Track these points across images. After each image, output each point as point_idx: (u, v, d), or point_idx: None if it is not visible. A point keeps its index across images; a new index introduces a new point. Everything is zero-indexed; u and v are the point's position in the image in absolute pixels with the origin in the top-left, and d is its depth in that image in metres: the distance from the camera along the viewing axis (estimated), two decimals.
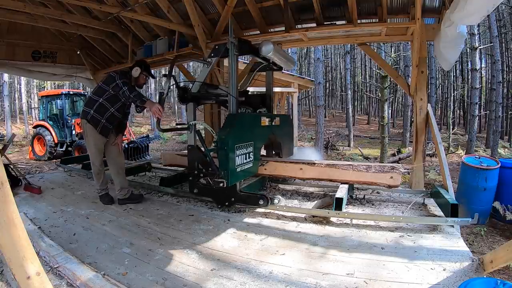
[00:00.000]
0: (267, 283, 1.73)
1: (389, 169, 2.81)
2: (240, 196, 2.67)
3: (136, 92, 2.88)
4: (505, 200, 3.53)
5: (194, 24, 3.93)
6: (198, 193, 2.69)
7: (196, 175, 2.60)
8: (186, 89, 2.61)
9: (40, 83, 21.87)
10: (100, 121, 3.00)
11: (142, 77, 3.11)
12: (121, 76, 2.94)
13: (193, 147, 2.63)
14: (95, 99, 3.01)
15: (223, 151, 2.37)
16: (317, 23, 3.66)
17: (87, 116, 3.01)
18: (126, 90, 2.84)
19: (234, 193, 2.64)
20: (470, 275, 1.68)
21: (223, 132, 2.42)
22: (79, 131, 9.58)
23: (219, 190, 2.52)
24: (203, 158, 2.54)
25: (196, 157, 2.58)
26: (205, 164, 2.53)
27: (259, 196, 2.65)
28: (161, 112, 2.62)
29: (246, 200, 2.69)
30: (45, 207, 3.13)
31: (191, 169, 2.64)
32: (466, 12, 2.30)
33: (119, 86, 2.87)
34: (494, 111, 10.47)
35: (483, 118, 16.39)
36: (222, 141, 2.36)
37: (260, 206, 2.66)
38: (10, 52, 5.16)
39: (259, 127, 2.90)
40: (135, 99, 2.84)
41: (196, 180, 2.62)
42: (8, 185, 1.22)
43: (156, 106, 2.63)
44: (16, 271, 1.24)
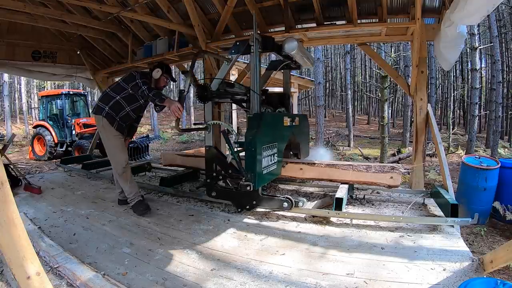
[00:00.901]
0: (267, 283, 1.73)
1: (389, 169, 2.81)
2: (262, 199, 2.54)
3: (155, 91, 2.78)
4: (505, 200, 3.53)
5: (194, 24, 3.93)
6: (216, 196, 2.59)
7: (214, 177, 2.50)
8: (206, 87, 2.47)
9: (40, 83, 21.87)
10: (115, 119, 2.90)
11: (163, 79, 3.01)
12: (141, 76, 2.84)
13: (211, 148, 2.53)
14: (112, 96, 2.90)
15: (250, 153, 2.26)
16: (317, 23, 3.66)
17: (102, 112, 2.88)
18: (145, 89, 2.75)
19: (256, 196, 2.49)
20: (470, 275, 1.68)
21: (250, 132, 2.30)
22: (79, 131, 9.58)
23: (239, 193, 2.42)
24: (222, 160, 2.45)
25: (214, 159, 2.48)
26: (224, 166, 2.43)
27: (283, 199, 2.53)
28: (181, 111, 2.50)
29: (269, 203, 2.56)
30: (45, 207, 3.13)
31: (209, 171, 2.54)
32: (466, 12, 2.30)
33: (138, 86, 2.78)
34: (494, 111, 10.47)
35: (483, 118, 16.39)
36: (249, 142, 2.25)
37: (283, 209, 2.53)
38: (10, 52, 5.16)
39: (282, 128, 2.80)
40: (154, 98, 2.74)
41: (214, 182, 2.51)
42: (8, 185, 1.22)
43: (175, 105, 2.50)
44: (16, 271, 1.24)
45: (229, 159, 2.48)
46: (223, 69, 2.64)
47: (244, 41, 2.57)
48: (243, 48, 2.54)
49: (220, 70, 2.65)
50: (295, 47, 2.69)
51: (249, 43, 2.52)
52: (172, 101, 2.64)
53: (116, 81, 3.04)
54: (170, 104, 2.58)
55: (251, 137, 2.26)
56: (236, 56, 2.58)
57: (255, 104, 2.55)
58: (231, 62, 2.59)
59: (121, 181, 2.95)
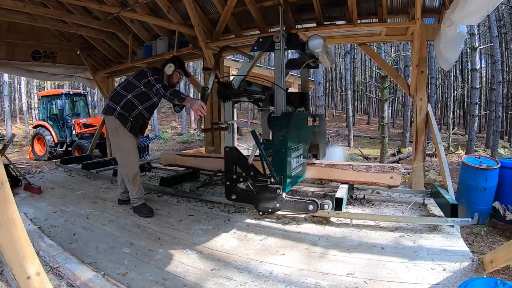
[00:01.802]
0: (267, 283, 1.73)
1: (389, 169, 2.81)
2: (286, 201, 2.42)
3: (172, 89, 2.59)
4: (505, 200, 3.53)
5: (194, 24, 3.93)
6: (236, 199, 2.50)
7: (234, 180, 2.42)
8: (228, 85, 2.35)
9: (40, 83, 21.87)
10: (128, 119, 2.74)
11: (176, 75, 2.83)
12: (153, 73, 2.66)
13: (231, 148, 2.43)
14: (123, 94, 2.73)
15: (280, 154, 2.17)
16: (317, 23, 3.66)
17: (113, 112, 2.71)
18: (160, 88, 2.56)
19: (279, 199, 2.39)
20: (470, 275, 1.68)
21: (280, 132, 2.21)
22: (79, 131, 9.59)
23: (262, 196, 2.36)
24: (243, 161, 2.36)
25: (235, 160, 2.40)
26: (246, 168, 2.35)
27: (308, 202, 2.41)
28: (205, 110, 2.35)
29: (294, 206, 2.43)
30: (45, 207, 3.13)
31: (228, 173, 2.45)
32: (466, 12, 2.30)
33: (151, 84, 2.60)
34: (494, 111, 10.46)
35: (483, 118, 16.38)
36: (279, 143, 2.17)
37: (308, 212, 2.43)
38: (10, 52, 5.16)
39: (306, 128, 2.70)
40: (172, 97, 2.54)
41: (233, 185, 2.43)
42: (8, 185, 1.22)
43: (198, 103, 2.35)
44: (16, 271, 1.24)
45: (251, 161, 2.39)
46: (244, 67, 2.54)
47: (268, 38, 2.45)
48: (267, 45, 2.43)
49: (241, 67, 2.56)
50: (321, 45, 2.54)
51: (273, 39, 2.40)
52: (193, 99, 2.46)
53: (126, 79, 2.89)
54: (192, 103, 2.41)
55: (281, 138, 2.17)
56: (259, 53, 2.47)
57: (282, 103, 2.42)
58: (253, 59, 2.47)
59: (129, 185, 2.84)
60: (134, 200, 2.85)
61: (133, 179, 2.80)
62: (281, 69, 2.42)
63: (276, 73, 2.45)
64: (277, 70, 2.45)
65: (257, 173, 2.35)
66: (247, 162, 2.38)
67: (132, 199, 2.86)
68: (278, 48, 2.39)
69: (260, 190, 2.36)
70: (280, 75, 2.41)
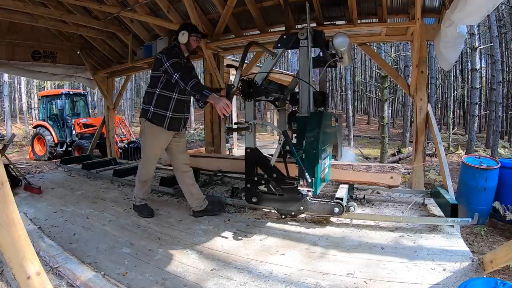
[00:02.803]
0: (267, 283, 1.73)
1: (389, 169, 2.81)
2: (311, 204, 2.35)
3: (193, 82, 2.33)
4: (505, 200, 3.53)
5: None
6: (257, 202, 2.42)
7: (255, 182, 2.34)
8: (252, 83, 2.26)
9: (40, 83, 21.88)
10: (166, 116, 2.55)
11: (193, 39, 2.63)
12: (168, 55, 2.43)
13: (253, 149, 2.35)
14: (152, 91, 2.55)
15: (311, 155, 2.08)
16: (317, 23, 3.66)
17: (147, 114, 2.56)
18: (179, 79, 2.34)
19: (304, 201, 2.32)
20: (470, 275, 1.68)
21: (311, 133, 2.11)
22: (79, 131, 9.60)
23: (285, 199, 2.30)
24: (265, 163, 2.29)
25: (256, 161, 2.32)
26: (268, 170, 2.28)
27: (334, 204, 2.34)
28: (229, 109, 2.20)
29: (319, 208, 2.36)
30: (45, 207, 3.13)
31: (249, 175, 2.37)
32: (466, 12, 2.30)
33: (169, 72, 2.38)
34: (494, 111, 10.47)
35: (483, 118, 16.38)
36: (310, 143, 2.08)
37: (334, 214, 2.36)
38: (10, 52, 5.16)
39: (331, 128, 2.62)
40: (194, 93, 2.33)
41: (255, 187, 2.35)
42: (8, 185, 1.22)
43: (223, 102, 2.19)
44: (16, 271, 1.24)
45: (273, 162, 2.33)
46: (267, 64, 2.43)
47: (292, 35, 2.34)
48: (291, 42, 2.33)
49: (264, 65, 2.44)
50: (346, 43, 2.42)
51: (298, 36, 2.29)
52: (217, 97, 2.26)
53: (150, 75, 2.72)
54: (216, 101, 2.23)
55: (312, 138, 2.08)
56: (282, 51, 2.38)
57: (308, 103, 2.30)
58: (277, 56, 2.38)
59: (138, 185, 2.78)
60: (138, 198, 2.82)
61: (144, 181, 2.76)
62: (309, 67, 2.30)
63: (301, 71, 2.34)
64: (303, 68, 2.32)
65: (280, 175, 2.27)
66: (270, 163, 2.30)
67: (135, 197, 2.84)
68: (303, 45, 2.29)
69: (284, 193, 2.28)
70: (307, 73, 2.30)
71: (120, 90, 6.80)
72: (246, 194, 2.43)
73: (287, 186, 2.28)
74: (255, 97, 2.34)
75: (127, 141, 9.24)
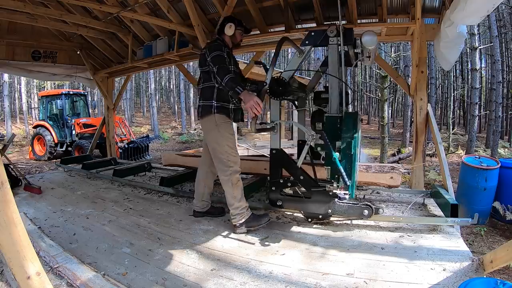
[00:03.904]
0: (267, 283, 1.73)
1: (389, 169, 2.81)
2: (339, 207, 2.26)
3: (228, 77, 2.21)
4: (505, 200, 3.54)
5: (194, 24, 3.92)
6: (282, 205, 2.33)
7: (281, 185, 2.26)
8: (281, 81, 2.18)
9: (40, 83, 21.88)
10: (229, 108, 2.44)
11: (239, 32, 2.57)
12: (210, 49, 2.35)
13: (278, 150, 2.26)
14: (210, 86, 2.42)
15: (348, 157, 2.01)
16: (317, 23, 3.66)
17: (211, 109, 2.38)
18: (216, 74, 2.26)
19: (332, 204, 2.22)
20: (470, 275, 1.68)
21: (347, 133, 2.04)
22: (79, 131, 9.61)
23: (312, 202, 2.22)
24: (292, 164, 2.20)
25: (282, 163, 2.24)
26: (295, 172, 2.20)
27: (363, 206, 2.27)
28: (261, 108, 2.09)
29: (347, 211, 2.27)
30: (45, 207, 3.13)
31: (274, 177, 2.27)
32: (466, 12, 2.30)
33: (211, 67, 2.31)
34: (494, 111, 10.47)
35: (483, 118, 16.39)
36: (347, 145, 2.02)
37: (363, 217, 2.29)
38: (10, 52, 5.16)
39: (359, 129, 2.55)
40: (228, 89, 2.24)
41: (280, 190, 2.27)
42: (8, 185, 1.22)
43: (254, 100, 2.09)
44: (16, 271, 1.24)
45: (300, 164, 2.25)
46: (294, 62, 2.32)
47: (321, 32, 2.24)
48: (319, 40, 2.24)
49: (290, 62, 2.34)
50: (375, 41, 2.33)
51: (328, 34, 2.21)
52: (249, 95, 2.16)
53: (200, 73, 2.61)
54: (247, 98, 2.12)
55: (349, 139, 2.01)
56: (309, 48, 2.29)
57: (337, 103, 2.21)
58: (304, 54, 2.30)
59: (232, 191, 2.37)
60: (242, 211, 2.36)
61: (237, 181, 2.38)
62: (337, 65, 2.22)
63: (331, 70, 2.25)
64: (333, 67, 2.23)
65: (307, 178, 2.19)
66: (296, 165, 2.22)
67: (236, 211, 2.36)
68: (332, 43, 2.20)
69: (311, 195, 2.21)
70: (336, 72, 2.22)
71: (120, 90, 6.80)
72: (270, 197, 2.32)
73: (317, 189, 2.19)
74: (285, 95, 2.25)
75: (127, 141, 9.24)
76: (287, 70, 2.30)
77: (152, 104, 18.45)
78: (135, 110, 29.36)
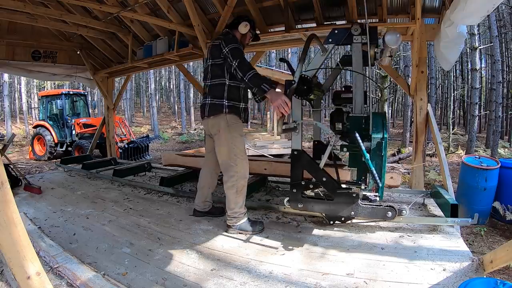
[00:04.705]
0: (267, 283, 1.73)
1: (389, 169, 2.81)
2: (363, 208, 2.22)
3: (252, 72, 2.07)
4: (505, 200, 3.54)
5: (194, 24, 3.93)
6: (304, 208, 2.29)
7: (303, 186, 2.23)
8: (306, 80, 2.12)
9: (40, 83, 21.89)
10: (240, 107, 2.32)
11: (249, 35, 2.48)
12: (227, 40, 2.21)
13: (300, 152, 2.21)
14: (220, 83, 2.27)
15: (379, 158, 1.97)
16: (317, 23, 3.66)
17: (222, 109, 2.24)
18: (237, 67, 2.11)
19: (355, 206, 2.17)
20: (470, 275, 1.68)
21: (377, 134, 1.99)
22: (79, 131, 9.61)
23: (336, 203, 2.19)
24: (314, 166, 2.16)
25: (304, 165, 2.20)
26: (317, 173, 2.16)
27: (387, 208, 2.22)
28: (289, 108, 2.00)
29: (371, 213, 2.23)
30: (45, 207, 3.13)
31: (295, 179, 2.23)
32: (466, 12, 2.30)
33: (228, 58, 2.16)
34: (494, 111, 10.46)
35: (483, 118, 16.38)
36: (378, 146, 1.97)
37: (386, 219, 2.24)
38: (10, 52, 5.16)
39: None
40: (251, 85, 2.10)
41: (301, 192, 2.23)
42: (8, 185, 1.22)
43: (282, 99, 1.98)
44: (16, 271, 1.24)
45: (322, 165, 2.21)
46: (317, 60, 2.26)
47: (345, 30, 2.20)
48: (343, 38, 2.19)
49: (313, 60, 2.29)
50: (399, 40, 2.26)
51: (352, 32, 2.15)
52: (276, 93, 2.04)
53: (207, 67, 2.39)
54: (275, 97, 2.01)
55: (380, 140, 1.97)
56: (332, 46, 2.25)
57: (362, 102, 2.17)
58: (327, 52, 2.25)
59: (235, 197, 2.31)
60: (239, 215, 2.34)
61: (242, 187, 2.32)
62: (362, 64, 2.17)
63: (355, 69, 2.20)
64: (357, 66, 2.17)
65: (330, 179, 2.16)
66: (319, 167, 2.18)
67: (234, 215, 2.33)
68: (357, 41, 2.16)
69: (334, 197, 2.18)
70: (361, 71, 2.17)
71: (120, 90, 6.80)
72: (291, 200, 2.29)
73: (343, 191, 2.15)
74: (310, 95, 2.21)
75: (127, 141, 9.25)
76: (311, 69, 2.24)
77: (152, 104, 18.46)
78: (135, 110, 29.37)
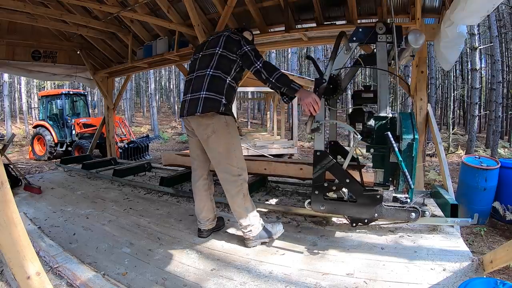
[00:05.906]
0: (267, 283, 1.73)
1: None
2: (386, 210, 2.17)
3: (279, 73, 1.95)
4: (505, 200, 3.54)
5: (194, 24, 3.93)
6: (325, 210, 2.26)
7: (325, 188, 2.18)
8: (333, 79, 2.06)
9: (40, 83, 21.89)
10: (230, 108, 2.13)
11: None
12: (246, 39, 2.05)
13: (323, 153, 2.16)
14: (224, 78, 2.03)
15: (410, 160, 1.91)
16: (317, 23, 3.66)
17: (220, 106, 1.98)
18: (261, 68, 1.95)
19: (378, 208, 2.13)
20: (470, 275, 1.68)
21: (408, 135, 1.93)
22: (79, 131, 9.61)
23: (359, 205, 2.16)
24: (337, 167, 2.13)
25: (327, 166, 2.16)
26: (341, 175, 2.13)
27: (410, 209, 2.16)
28: (319, 107, 1.91)
29: (394, 214, 2.17)
30: (45, 207, 3.13)
31: (318, 180, 2.18)
32: (466, 12, 2.30)
33: (250, 58, 1.98)
34: (494, 111, 10.47)
35: (483, 118, 16.39)
36: (409, 146, 1.92)
37: (410, 220, 2.18)
38: (10, 52, 5.17)
39: None
40: (280, 85, 1.95)
41: (323, 194, 2.21)
42: (8, 185, 1.22)
43: (312, 98, 1.88)
44: (16, 271, 1.24)
45: (345, 166, 2.17)
46: (341, 58, 2.21)
47: (369, 29, 2.15)
48: (368, 37, 2.15)
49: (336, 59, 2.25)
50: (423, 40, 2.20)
51: (376, 30, 2.10)
52: (306, 92, 1.95)
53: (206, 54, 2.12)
54: (305, 96, 1.91)
55: (411, 141, 1.91)
56: (356, 45, 2.20)
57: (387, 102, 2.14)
58: (351, 51, 2.22)
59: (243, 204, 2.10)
60: (254, 222, 2.11)
61: (247, 190, 2.14)
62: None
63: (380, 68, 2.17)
64: (382, 65, 2.13)
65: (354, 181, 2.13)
66: (342, 168, 2.15)
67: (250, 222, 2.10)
68: (381, 40, 2.12)
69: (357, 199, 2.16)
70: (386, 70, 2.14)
71: (120, 90, 6.80)
72: (313, 202, 2.24)
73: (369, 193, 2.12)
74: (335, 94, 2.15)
75: (127, 141, 9.25)
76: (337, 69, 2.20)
77: (152, 104, 18.46)
78: (135, 110, 29.36)
